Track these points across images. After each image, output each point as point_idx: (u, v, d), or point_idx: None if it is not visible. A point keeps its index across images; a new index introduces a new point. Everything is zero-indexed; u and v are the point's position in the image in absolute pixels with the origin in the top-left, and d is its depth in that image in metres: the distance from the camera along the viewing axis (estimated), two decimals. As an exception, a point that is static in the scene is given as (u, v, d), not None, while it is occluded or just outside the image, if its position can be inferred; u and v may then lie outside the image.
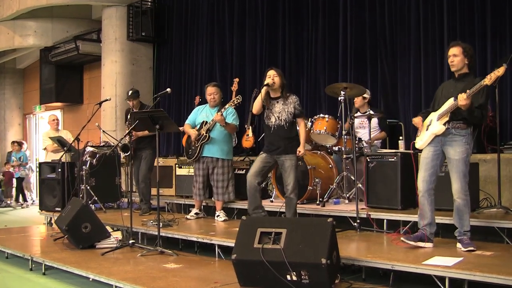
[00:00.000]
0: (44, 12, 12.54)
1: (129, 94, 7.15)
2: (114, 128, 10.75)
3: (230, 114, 6.40)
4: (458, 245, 4.33)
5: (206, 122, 6.44)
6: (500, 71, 3.96)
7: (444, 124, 4.34)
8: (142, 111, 6.30)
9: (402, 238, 4.45)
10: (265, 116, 5.51)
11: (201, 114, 6.60)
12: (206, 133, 6.39)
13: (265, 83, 5.35)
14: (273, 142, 5.43)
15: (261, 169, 5.46)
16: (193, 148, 6.50)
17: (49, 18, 12.85)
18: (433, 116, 4.48)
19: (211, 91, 6.53)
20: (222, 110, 6.30)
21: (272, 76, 5.38)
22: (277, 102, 5.45)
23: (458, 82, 4.43)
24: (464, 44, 4.45)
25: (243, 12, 9.50)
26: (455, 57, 4.41)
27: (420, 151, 4.65)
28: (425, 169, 4.44)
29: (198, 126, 6.51)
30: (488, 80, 3.99)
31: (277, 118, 5.41)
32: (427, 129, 4.49)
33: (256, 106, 5.46)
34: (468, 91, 4.12)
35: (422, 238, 4.38)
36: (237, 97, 6.29)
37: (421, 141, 4.54)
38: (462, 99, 4.11)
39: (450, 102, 4.31)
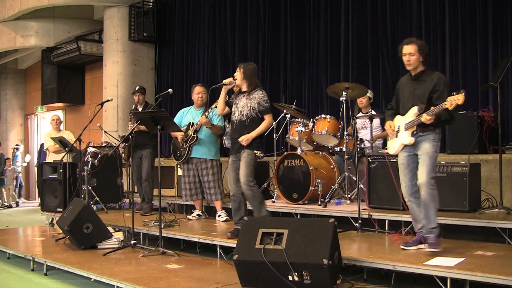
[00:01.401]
0: (46, 12, 12.57)
1: (136, 89, 7.28)
2: (116, 128, 10.76)
3: (216, 115, 6.38)
4: (421, 245, 4.31)
5: (193, 123, 6.45)
6: (460, 99, 3.92)
7: (413, 134, 4.31)
8: (144, 111, 6.31)
9: (401, 246, 4.40)
10: (232, 111, 5.38)
11: (187, 116, 6.61)
12: (194, 134, 6.40)
13: (222, 82, 5.30)
14: (234, 139, 5.26)
15: (236, 176, 5.23)
16: (181, 149, 6.52)
17: (51, 18, 12.89)
18: (401, 122, 4.42)
19: (199, 90, 6.56)
20: (208, 111, 6.27)
21: (236, 72, 5.27)
22: (243, 96, 5.27)
23: (416, 83, 4.37)
24: (418, 41, 4.37)
25: (244, 12, 9.51)
26: (411, 56, 4.30)
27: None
28: (404, 175, 4.42)
29: (185, 128, 6.51)
30: (449, 105, 3.97)
31: (240, 112, 5.23)
32: (396, 136, 4.45)
33: (219, 107, 5.44)
34: (432, 108, 4.10)
35: (421, 241, 4.37)
36: None
37: (393, 149, 4.52)
38: (427, 120, 4.12)
39: (413, 112, 4.27)
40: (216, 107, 6.17)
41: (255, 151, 5.19)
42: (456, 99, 3.95)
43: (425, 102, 4.24)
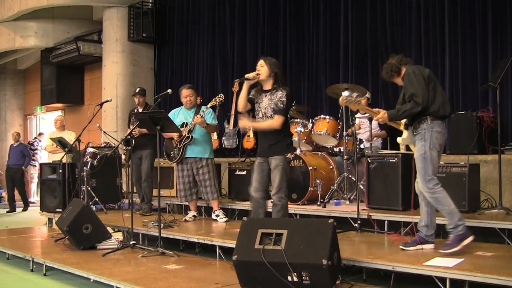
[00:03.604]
0: (45, 13, 12.57)
1: (137, 91, 7.26)
2: (115, 129, 10.76)
3: (208, 114, 6.34)
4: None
5: (187, 123, 6.41)
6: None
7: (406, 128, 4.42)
8: (143, 112, 6.31)
9: (401, 247, 4.36)
10: (255, 111, 5.02)
11: (179, 116, 6.54)
12: (188, 133, 6.38)
13: (245, 76, 4.95)
14: (261, 142, 4.99)
15: (260, 180, 4.92)
16: (175, 150, 6.49)
17: (50, 19, 12.89)
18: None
19: (186, 93, 6.47)
20: (204, 110, 6.24)
21: (258, 67, 4.90)
22: (266, 95, 4.92)
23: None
24: (388, 66, 4.45)
25: (243, 13, 9.52)
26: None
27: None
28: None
29: None
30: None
31: (263, 114, 4.91)
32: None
33: (240, 103, 4.97)
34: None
35: (420, 241, 4.36)
36: (219, 95, 6.24)
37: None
38: (378, 120, 4.38)
39: None
40: (213, 105, 6.16)
41: (286, 155, 4.83)
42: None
43: (401, 100, 4.35)
